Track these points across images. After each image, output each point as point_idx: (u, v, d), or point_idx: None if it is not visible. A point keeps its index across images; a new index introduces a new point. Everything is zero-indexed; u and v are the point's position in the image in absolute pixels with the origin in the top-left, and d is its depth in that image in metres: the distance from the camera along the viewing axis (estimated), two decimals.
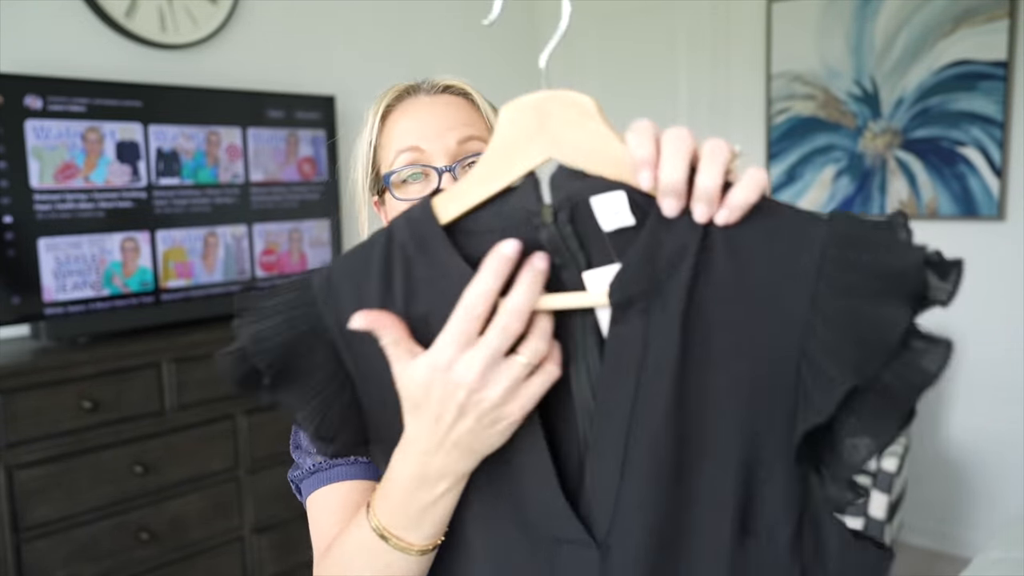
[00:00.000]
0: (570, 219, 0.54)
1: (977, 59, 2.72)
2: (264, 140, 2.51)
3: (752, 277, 0.51)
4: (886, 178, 2.95)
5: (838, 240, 0.49)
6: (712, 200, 0.51)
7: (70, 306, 2.10)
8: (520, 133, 0.55)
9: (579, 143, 0.54)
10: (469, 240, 0.56)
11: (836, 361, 0.49)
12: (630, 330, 0.53)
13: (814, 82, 3.05)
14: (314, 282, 0.58)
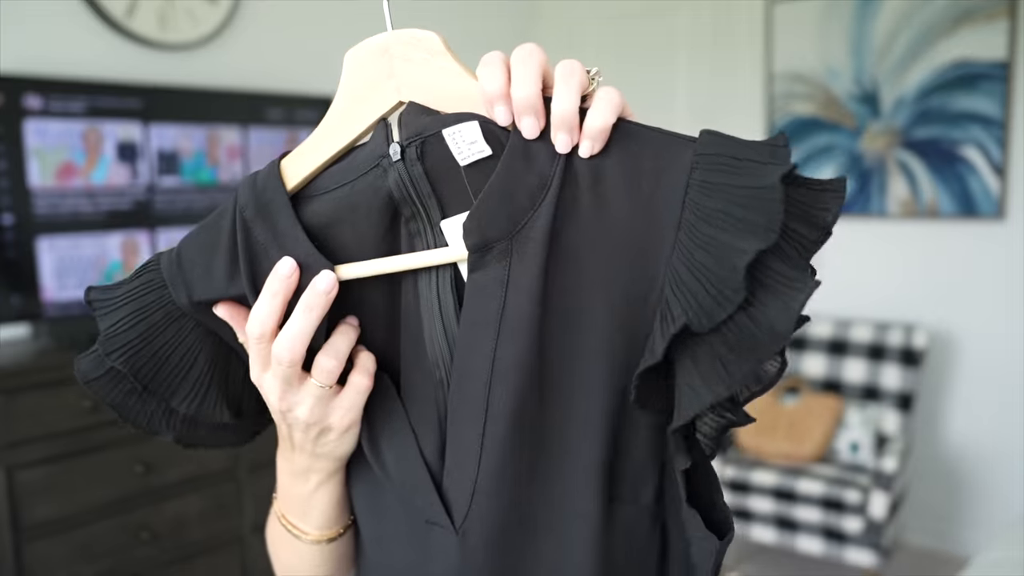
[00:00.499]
0: (419, 156, 0.48)
1: (977, 59, 2.72)
2: (264, 140, 2.51)
3: (618, 210, 0.46)
4: (886, 178, 2.95)
5: (705, 162, 0.44)
6: (572, 127, 0.45)
7: (70, 306, 2.10)
8: (367, 79, 0.50)
9: (430, 83, 0.50)
10: (319, 203, 0.51)
11: (681, 298, 0.43)
12: (489, 277, 0.47)
13: (814, 82, 3.05)
14: (162, 263, 0.53)
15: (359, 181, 0.49)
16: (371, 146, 0.50)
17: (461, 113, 0.48)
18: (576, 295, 0.47)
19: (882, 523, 2.45)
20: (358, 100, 0.50)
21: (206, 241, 0.52)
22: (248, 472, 2.31)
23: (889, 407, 2.78)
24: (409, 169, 0.48)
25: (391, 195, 0.49)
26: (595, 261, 0.47)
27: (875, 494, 2.46)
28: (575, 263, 0.47)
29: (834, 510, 2.50)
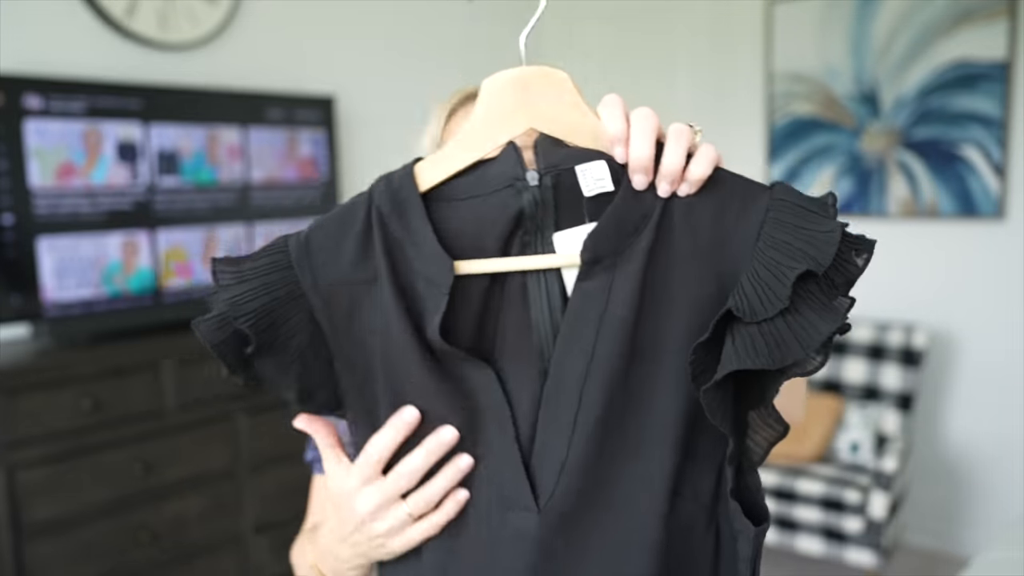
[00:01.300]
0: (553, 184, 0.58)
1: (977, 59, 2.72)
2: (264, 140, 2.51)
3: (704, 239, 0.56)
4: (886, 178, 2.95)
5: (778, 205, 0.56)
6: (675, 179, 0.56)
7: (70, 306, 2.10)
8: (503, 105, 0.58)
9: (558, 116, 0.58)
10: (448, 207, 0.58)
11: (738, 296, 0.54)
12: (595, 285, 0.57)
13: (814, 82, 3.05)
14: (290, 245, 0.60)
15: (492, 196, 0.58)
16: (502, 166, 0.58)
17: (591, 151, 0.58)
18: (664, 307, 0.57)
19: (882, 523, 2.45)
20: (493, 122, 0.59)
21: (335, 231, 0.61)
22: (248, 472, 2.31)
23: (889, 407, 2.77)
24: (542, 193, 0.58)
25: (522, 212, 0.58)
26: (681, 280, 0.57)
27: (875, 494, 2.46)
28: (665, 280, 0.57)
29: (834, 510, 2.50)
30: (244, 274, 0.59)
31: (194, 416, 2.18)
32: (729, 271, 0.56)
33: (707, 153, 0.57)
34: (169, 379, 2.12)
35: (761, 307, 0.53)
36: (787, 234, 0.55)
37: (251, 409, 2.30)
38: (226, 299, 0.58)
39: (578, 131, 0.58)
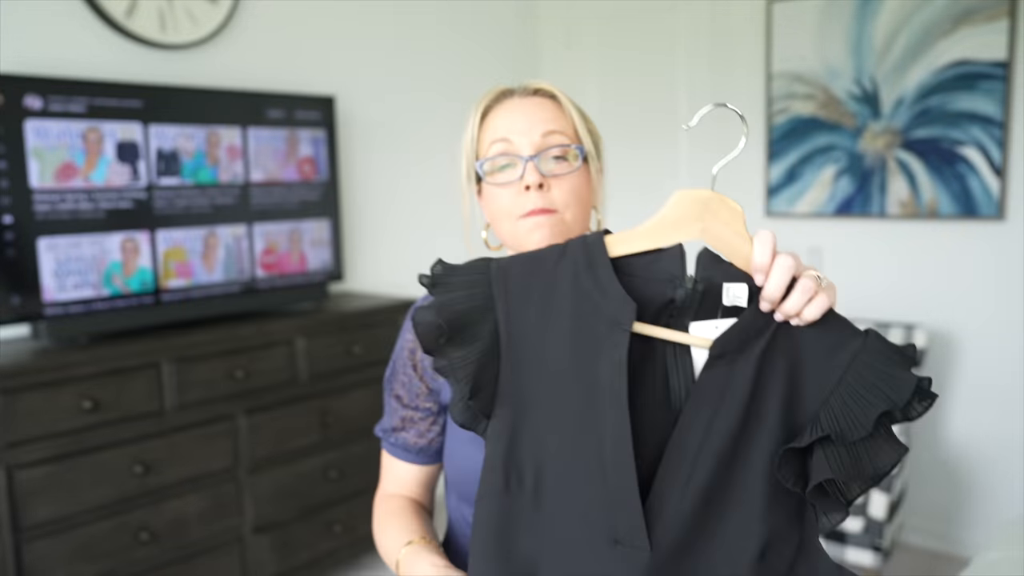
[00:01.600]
0: (703, 290, 0.73)
1: (977, 59, 2.72)
2: (264, 140, 2.51)
3: (804, 360, 0.72)
4: (886, 178, 2.95)
5: (869, 350, 0.71)
6: (791, 316, 0.73)
7: (70, 306, 2.10)
8: (685, 214, 0.75)
9: (722, 236, 0.75)
10: (623, 277, 0.74)
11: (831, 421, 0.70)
12: (718, 374, 0.72)
13: (814, 82, 3.05)
14: (491, 269, 0.75)
15: (655, 282, 0.74)
16: (669, 263, 0.74)
17: (739, 272, 0.74)
18: (765, 402, 0.72)
19: (882, 523, 2.45)
20: (674, 224, 0.75)
21: (531, 269, 0.76)
22: (248, 472, 2.31)
23: None
24: (693, 294, 0.73)
25: (673, 301, 0.74)
26: (781, 384, 0.72)
27: (875, 494, 2.46)
28: (768, 384, 0.72)
29: None
30: (453, 284, 0.74)
31: (194, 416, 2.18)
32: (815, 388, 0.72)
33: (821, 302, 0.72)
34: (169, 379, 2.12)
35: (850, 432, 0.69)
36: (875, 376, 0.70)
37: (251, 409, 2.30)
38: (439, 299, 0.73)
39: (735, 254, 0.74)
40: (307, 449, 2.45)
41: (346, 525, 2.56)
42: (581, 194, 0.95)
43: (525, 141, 0.93)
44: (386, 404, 1.06)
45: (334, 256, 2.73)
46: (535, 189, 0.91)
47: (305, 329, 2.43)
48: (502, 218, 0.94)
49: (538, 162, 0.92)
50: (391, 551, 0.96)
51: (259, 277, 2.52)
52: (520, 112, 0.95)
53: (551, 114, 0.96)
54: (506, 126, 0.94)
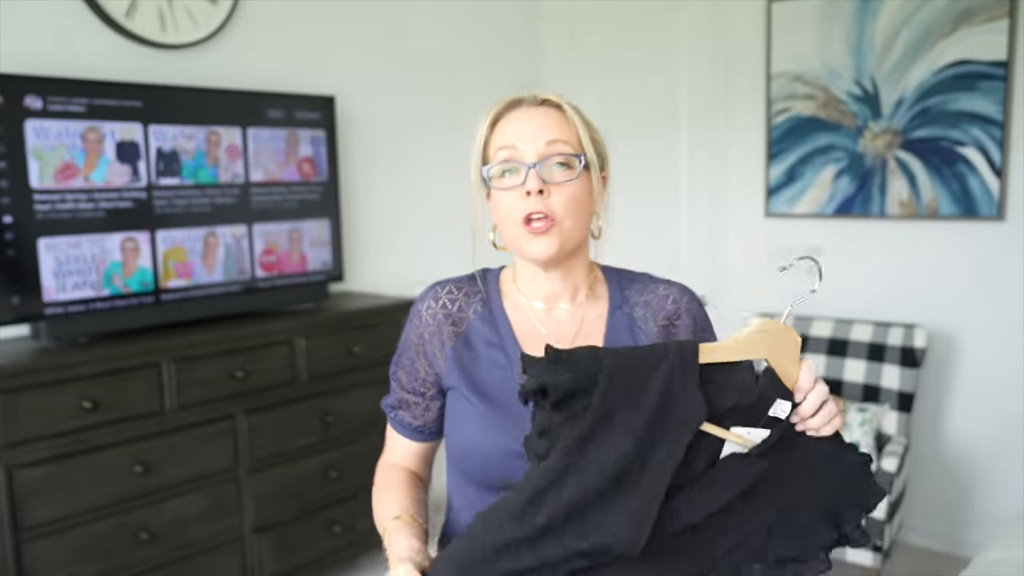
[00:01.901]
0: (758, 401, 0.90)
1: (977, 59, 2.72)
2: (264, 140, 2.51)
3: (809, 463, 0.93)
4: (886, 178, 2.95)
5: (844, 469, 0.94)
6: (814, 429, 0.91)
7: (70, 306, 2.10)
8: (762, 340, 0.92)
9: (781, 361, 0.92)
10: (705, 381, 0.89)
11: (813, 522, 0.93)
12: (739, 467, 0.90)
13: (814, 82, 3.05)
14: (603, 361, 0.86)
15: (729, 390, 0.90)
16: (743, 376, 0.90)
17: (787, 390, 0.92)
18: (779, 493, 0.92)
19: (882, 523, 2.45)
20: (751, 346, 0.92)
21: (635, 362, 0.88)
22: (248, 472, 2.31)
23: (889, 407, 2.77)
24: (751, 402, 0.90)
25: (736, 406, 0.90)
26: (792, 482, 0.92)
27: None
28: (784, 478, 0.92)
29: None
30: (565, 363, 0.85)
31: (194, 416, 2.18)
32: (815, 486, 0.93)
33: (835, 424, 0.92)
34: (169, 379, 2.12)
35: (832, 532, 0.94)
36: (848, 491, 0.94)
37: (251, 409, 2.30)
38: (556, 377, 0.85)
39: (787, 374, 0.92)
40: (307, 449, 2.45)
41: (346, 525, 2.56)
42: (580, 202, 1.01)
43: (530, 148, 0.99)
44: (391, 382, 1.14)
45: (334, 256, 2.73)
46: (535, 194, 0.97)
47: (305, 329, 2.43)
48: (506, 222, 1.01)
49: (540, 169, 0.98)
50: (382, 520, 1.05)
51: (259, 277, 2.52)
52: (526, 121, 1.01)
53: (556, 124, 1.01)
54: (512, 134, 1.01)
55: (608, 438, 0.86)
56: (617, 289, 1.10)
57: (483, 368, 1.04)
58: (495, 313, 1.07)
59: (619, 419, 0.87)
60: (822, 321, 2.97)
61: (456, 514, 1.10)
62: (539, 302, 1.07)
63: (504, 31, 3.59)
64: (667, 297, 1.08)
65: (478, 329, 1.06)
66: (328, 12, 2.88)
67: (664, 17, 3.40)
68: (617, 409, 0.87)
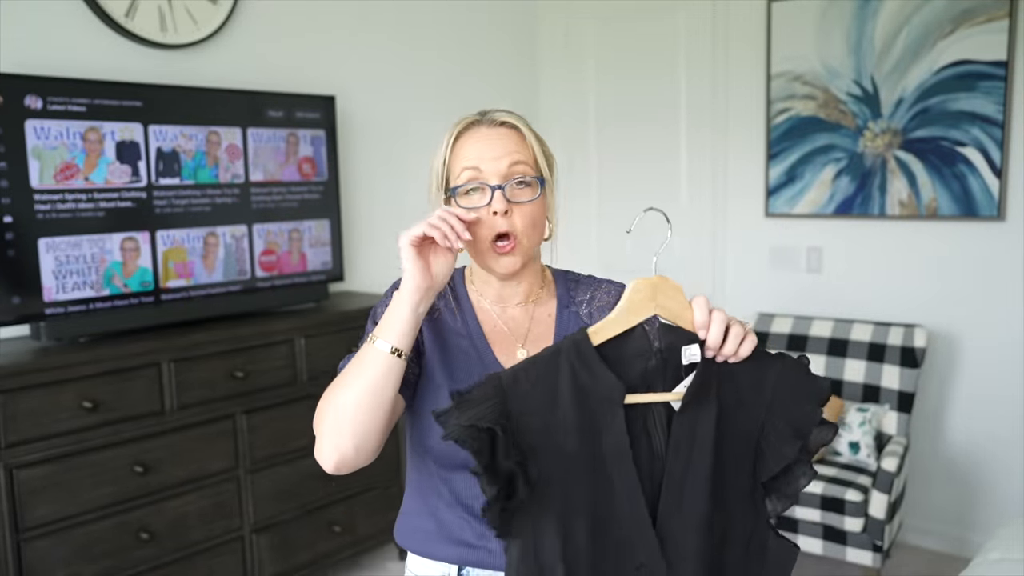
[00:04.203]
0: (666, 356, 0.93)
1: (977, 59, 2.72)
2: (264, 140, 2.51)
3: (743, 390, 0.94)
4: (886, 178, 2.95)
5: (783, 376, 0.95)
6: (730, 355, 0.93)
7: (70, 306, 2.10)
8: (641, 298, 0.94)
9: (672, 309, 0.94)
10: (605, 362, 0.91)
11: (781, 442, 0.94)
12: (688, 419, 0.92)
13: (814, 82, 3.05)
14: (503, 379, 0.89)
15: (631, 360, 0.93)
16: (638, 341, 0.93)
17: (693, 335, 0.93)
18: (727, 428, 0.93)
19: (882, 523, 2.45)
20: (635, 308, 0.94)
21: (534, 375, 0.90)
22: (248, 472, 2.31)
23: (889, 407, 2.78)
24: (660, 362, 0.93)
25: (646, 369, 0.93)
26: (735, 412, 0.94)
27: (875, 494, 2.46)
28: (726, 413, 0.93)
29: (834, 510, 2.50)
30: (473, 401, 0.87)
31: (194, 416, 2.18)
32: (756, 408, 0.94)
33: (751, 341, 0.94)
34: (169, 379, 2.12)
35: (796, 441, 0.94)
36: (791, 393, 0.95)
37: (251, 409, 2.30)
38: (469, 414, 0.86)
39: (682, 320, 0.94)
40: (307, 449, 2.44)
41: (346, 525, 2.56)
42: (537, 220, 1.11)
43: (493, 169, 1.08)
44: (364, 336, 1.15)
45: (334, 256, 2.73)
46: (501, 215, 1.07)
47: (305, 329, 2.43)
48: (474, 240, 1.09)
49: (504, 190, 1.08)
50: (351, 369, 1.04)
51: (259, 277, 2.52)
52: (488, 143, 1.10)
53: (516, 145, 1.11)
54: (476, 155, 1.09)
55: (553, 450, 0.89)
56: (565, 290, 1.20)
57: (452, 355, 1.11)
58: (463, 306, 1.16)
59: (551, 427, 0.89)
60: (822, 321, 2.97)
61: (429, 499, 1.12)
62: (495, 303, 1.16)
63: (502, 31, 3.59)
64: (608, 293, 1.18)
65: (447, 320, 1.14)
66: (328, 12, 2.88)
67: (664, 17, 3.40)
68: (540, 419, 0.89)
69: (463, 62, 3.38)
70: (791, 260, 3.20)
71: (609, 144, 3.58)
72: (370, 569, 2.75)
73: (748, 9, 3.18)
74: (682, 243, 3.43)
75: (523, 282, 1.16)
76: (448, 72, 3.31)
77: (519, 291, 1.16)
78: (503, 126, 1.13)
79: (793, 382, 0.94)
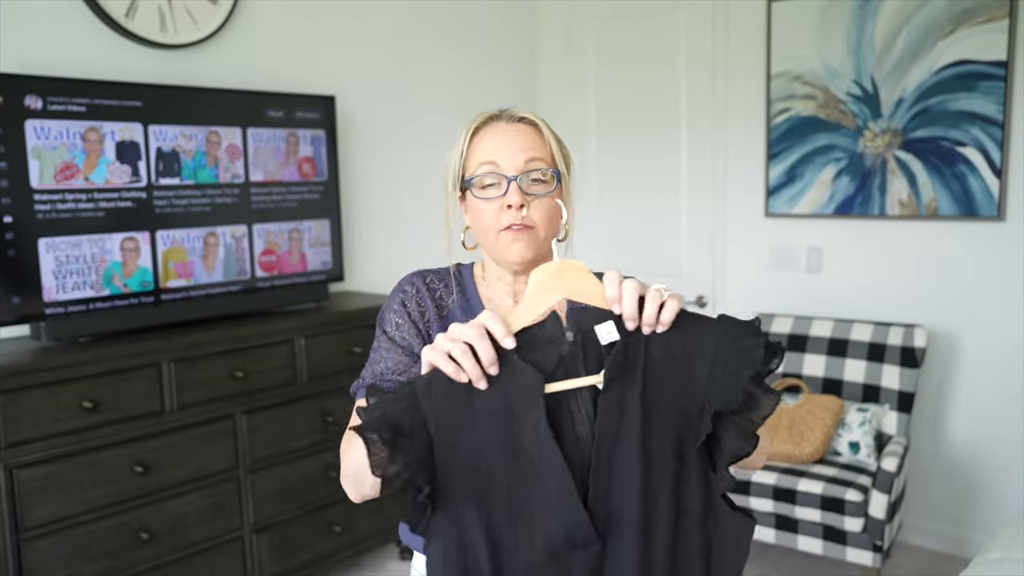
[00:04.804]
0: (582, 339, 0.89)
1: (977, 59, 2.72)
2: (264, 140, 2.51)
3: (676, 360, 0.89)
4: (886, 178, 2.95)
5: (721, 337, 0.88)
6: (651, 322, 0.88)
7: (70, 306, 2.10)
8: (547, 284, 0.91)
9: (580, 291, 0.91)
10: (520, 354, 0.88)
11: (717, 400, 0.87)
12: (613, 397, 0.88)
13: (814, 82, 3.05)
14: (417, 384, 0.87)
15: (544, 348, 0.89)
16: (550, 328, 0.88)
17: (604, 311, 0.89)
18: (657, 402, 0.89)
19: (882, 523, 2.45)
20: (541, 296, 0.91)
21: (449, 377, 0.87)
22: (248, 472, 2.31)
23: (889, 407, 2.78)
24: (575, 345, 0.88)
25: (562, 357, 0.88)
26: (666, 385, 0.89)
27: (875, 494, 2.46)
28: (656, 387, 0.89)
29: (834, 510, 2.50)
30: (389, 399, 0.87)
31: (194, 416, 2.18)
32: (695, 378, 0.89)
33: (672, 304, 0.87)
34: (169, 379, 2.12)
35: (732, 403, 0.86)
36: (735, 353, 0.87)
37: (251, 409, 2.30)
38: (379, 413, 0.85)
39: (593, 298, 0.90)
40: (307, 449, 2.45)
41: (346, 525, 2.56)
42: (553, 215, 1.11)
43: (510, 164, 1.08)
44: (376, 352, 1.18)
45: (334, 256, 2.73)
46: (516, 208, 1.07)
47: (305, 329, 2.43)
48: (485, 230, 1.10)
49: (520, 182, 1.08)
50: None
51: (259, 277, 2.52)
52: (505, 138, 1.10)
53: (532, 142, 1.11)
54: (494, 150, 1.09)
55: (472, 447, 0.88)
56: None
57: None
58: (473, 304, 1.15)
59: (468, 425, 0.88)
60: (822, 321, 2.98)
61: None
62: (508, 300, 1.16)
63: (502, 32, 3.59)
64: None
65: (458, 318, 1.13)
66: (328, 12, 2.88)
67: (664, 17, 3.40)
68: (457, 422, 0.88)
69: (463, 62, 3.38)
70: (791, 260, 3.20)
71: (609, 143, 3.58)
72: (370, 569, 2.75)
73: (748, 9, 3.18)
74: (683, 243, 3.43)
75: None
76: (448, 72, 3.31)
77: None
78: (522, 122, 1.13)
79: (732, 347, 0.87)
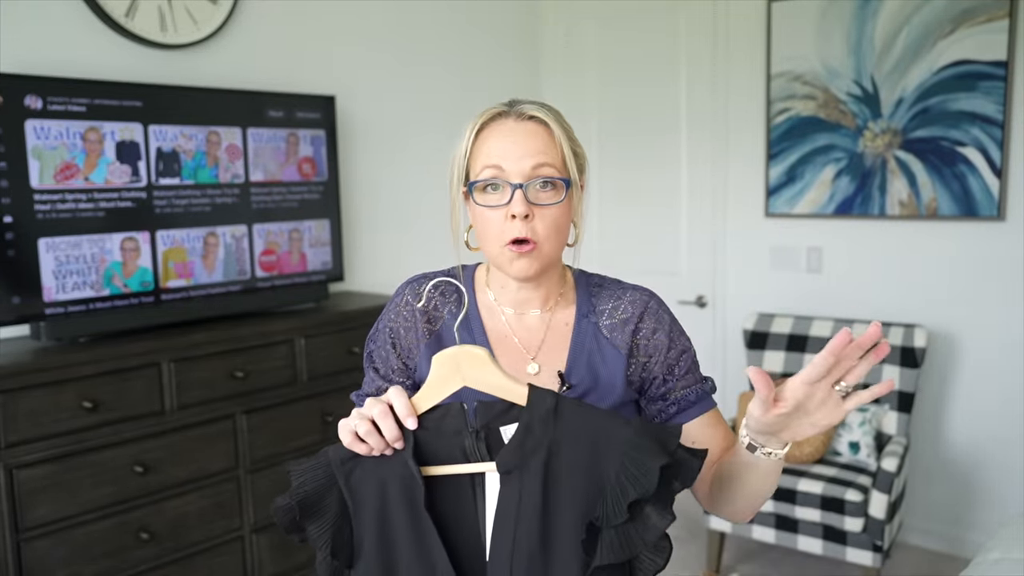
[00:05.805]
0: (486, 436, 0.89)
1: (977, 59, 2.72)
2: (264, 140, 2.51)
3: (583, 457, 0.86)
4: (886, 178, 2.95)
5: (631, 441, 0.84)
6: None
7: (70, 306, 2.10)
8: (446, 372, 0.90)
9: (478, 377, 0.90)
10: (426, 434, 0.90)
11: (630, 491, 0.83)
12: (510, 489, 0.87)
13: (814, 82, 3.05)
14: (331, 456, 0.91)
15: (447, 436, 0.89)
16: (455, 420, 0.89)
17: (510, 405, 0.89)
18: (558, 495, 0.87)
19: (882, 523, 2.45)
20: (441, 382, 0.90)
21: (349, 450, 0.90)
22: (248, 472, 2.31)
23: (889, 407, 2.78)
24: (478, 441, 0.89)
25: (464, 449, 0.90)
26: (568, 477, 0.87)
27: (875, 494, 2.46)
28: (559, 481, 0.87)
29: (834, 510, 2.50)
30: (304, 471, 0.91)
31: (194, 416, 2.18)
32: (602, 472, 0.85)
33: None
34: (169, 379, 2.12)
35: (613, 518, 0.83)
36: (634, 469, 0.83)
37: (251, 409, 2.30)
38: (294, 487, 0.90)
39: (494, 386, 0.89)
40: (307, 449, 2.45)
41: None
42: (561, 225, 1.03)
43: (516, 169, 0.99)
44: (366, 373, 1.14)
45: (334, 256, 2.73)
46: (521, 219, 0.98)
47: (305, 329, 2.43)
48: (488, 239, 1.03)
49: (526, 189, 0.99)
50: None
51: (259, 277, 2.52)
52: (513, 140, 1.01)
53: (542, 145, 1.01)
54: (499, 152, 1.00)
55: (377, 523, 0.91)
56: (585, 297, 1.10)
57: None
58: (469, 315, 1.08)
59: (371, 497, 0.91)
60: (822, 321, 2.98)
61: None
62: (510, 308, 1.08)
63: (503, 31, 3.59)
64: (633, 304, 1.08)
65: (450, 331, 1.07)
66: (328, 12, 2.88)
67: (664, 17, 3.40)
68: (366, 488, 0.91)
69: (464, 62, 3.37)
70: (791, 260, 3.20)
71: (609, 143, 3.58)
72: None
73: (748, 9, 3.19)
74: (682, 243, 3.43)
75: (541, 286, 1.07)
76: (448, 72, 3.31)
77: (537, 296, 1.07)
78: (531, 120, 1.02)
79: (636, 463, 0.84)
